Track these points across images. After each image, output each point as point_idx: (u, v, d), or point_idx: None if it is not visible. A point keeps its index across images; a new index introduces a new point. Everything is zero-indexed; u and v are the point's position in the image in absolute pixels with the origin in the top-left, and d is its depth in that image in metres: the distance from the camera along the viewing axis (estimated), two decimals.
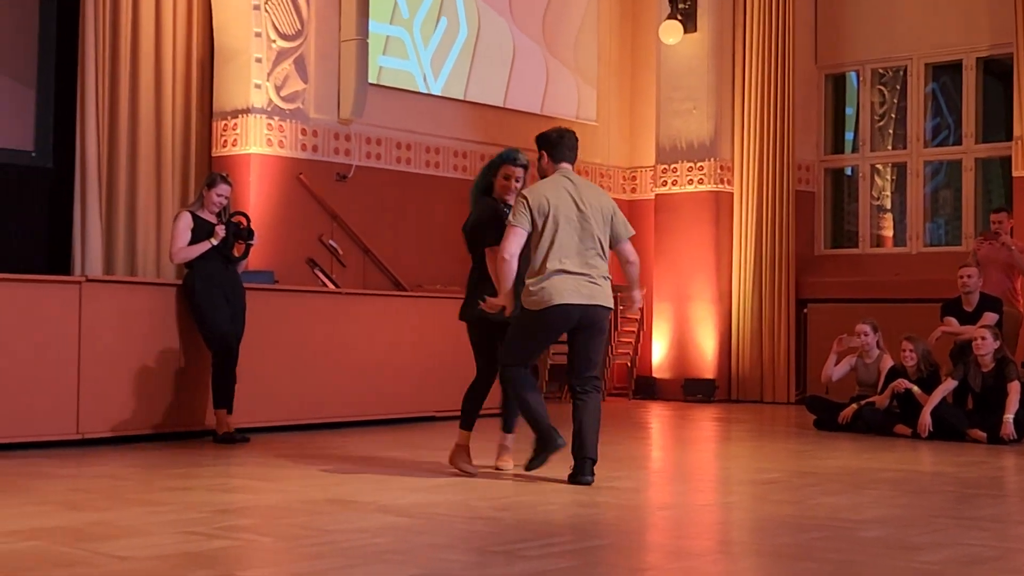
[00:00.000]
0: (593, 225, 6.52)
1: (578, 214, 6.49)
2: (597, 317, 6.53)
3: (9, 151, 10.55)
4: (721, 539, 5.20)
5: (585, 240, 6.50)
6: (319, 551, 4.50)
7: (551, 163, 6.66)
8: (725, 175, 13.35)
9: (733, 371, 13.23)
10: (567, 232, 6.44)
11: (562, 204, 6.47)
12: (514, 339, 6.58)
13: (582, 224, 6.49)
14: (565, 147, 6.67)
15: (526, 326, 6.52)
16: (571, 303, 6.41)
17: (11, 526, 4.88)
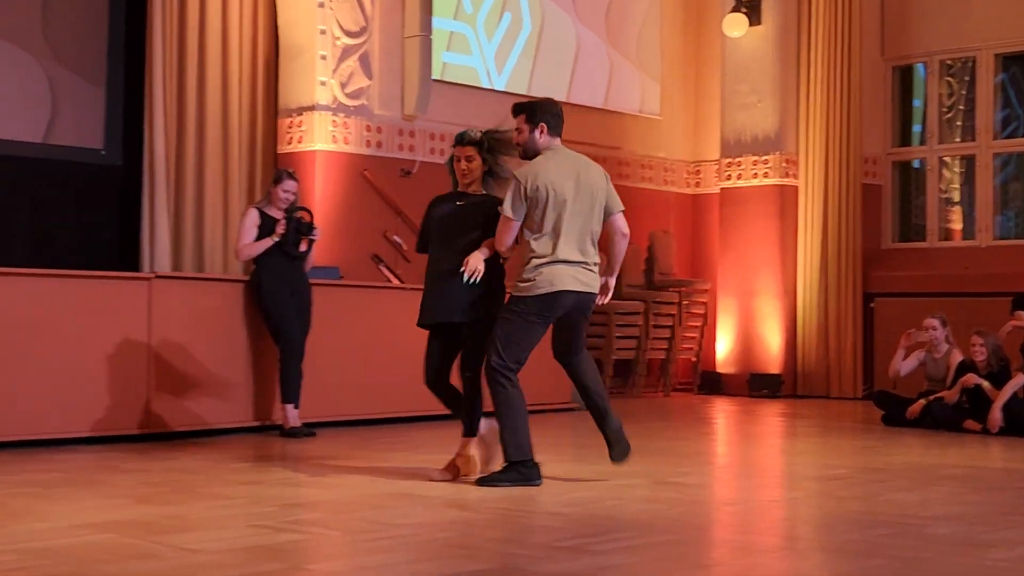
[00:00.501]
0: (590, 209, 6.20)
1: (578, 198, 6.13)
2: (589, 304, 6.25)
3: (79, 149, 10.70)
4: (787, 535, 5.17)
5: (583, 227, 6.17)
6: (386, 545, 4.53)
7: (549, 137, 6.23)
8: (790, 168, 13.25)
9: (799, 366, 13.14)
10: (568, 220, 6.08)
11: (565, 188, 6.09)
12: (509, 334, 6.10)
13: (581, 209, 6.14)
14: (562, 120, 6.30)
15: (522, 316, 6.09)
16: (570, 290, 6.10)
17: (84, 519, 4.96)
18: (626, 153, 13.73)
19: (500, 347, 6.10)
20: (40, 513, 5.11)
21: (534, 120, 6.22)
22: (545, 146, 6.22)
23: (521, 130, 6.24)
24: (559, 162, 6.19)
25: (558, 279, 6.09)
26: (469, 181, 6.35)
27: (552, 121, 6.24)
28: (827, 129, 13.06)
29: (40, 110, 10.50)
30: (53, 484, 6.01)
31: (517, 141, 6.28)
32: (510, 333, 6.11)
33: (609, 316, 12.42)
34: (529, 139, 6.23)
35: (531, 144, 6.24)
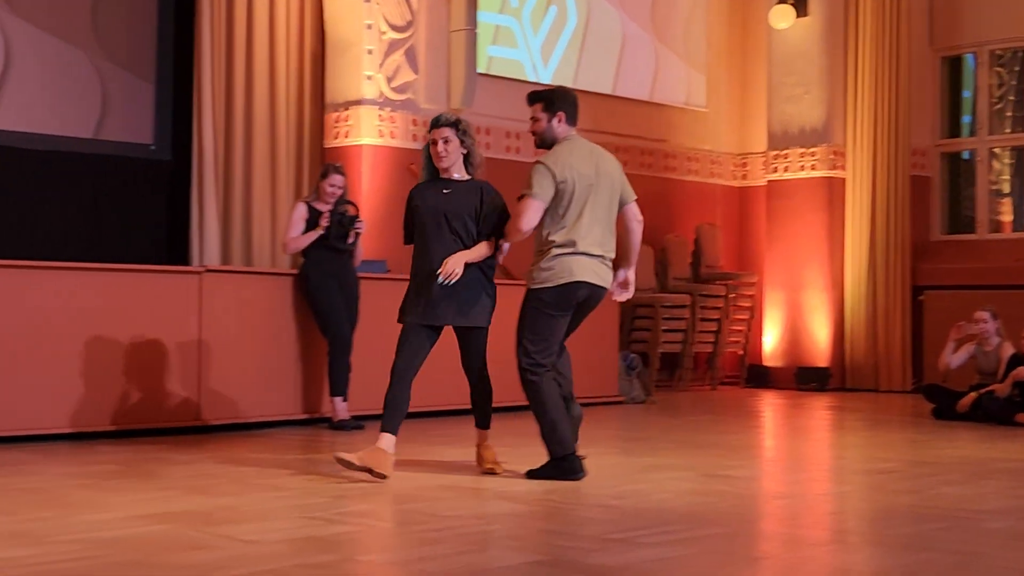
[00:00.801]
0: (610, 199, 6.13)
1: (599, 188, 6.06)
2: (599, 299, 6.21)
3: (129, 144, 10.79)
4: (838, 529, 5.16)
5: (604, 218, 6.10)
6: (437, 536, 4.56)
7: (567, 126, 6.16)
8: (838, 160, 13.18)
9: (847, 359, 13.07)
10: (590, 211, 6.03)
11: (587, 177, 6.03)
12: (534, 329, 6.05)
13: (602, 200, 6.08)
14: (578, 109, 6.22)
15: (542, 309, 6.04)
16: (587, 281, 6.04)
17: (140, 510, 5.02)
18: (672, 146, 13.70)
19: (528, 344, 6.06)
20: (97, 504, 5.17)
21: (552, 108, 6.16)
22: (563, 135, 6.17)
23: (538, 119, 6.17)
24: (580, 152, 6.13)
25: (577, 269, 6.03)
26: (447, 165, 6.17)
27: (570, 110, 6.19)
28: (875, 121, 12.98)
29: (91, 106, 10.60)
30: (108, 476, 6.08)
31: (533, 130, 6.22)
32: (535, 328, 6.07)
33: (656, 309, 12.41)
34: (547, 128, 6.17)
35: (548, 133, 6.17)
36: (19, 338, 7.42)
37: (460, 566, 4.04)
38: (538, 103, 6.19)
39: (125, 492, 5.54)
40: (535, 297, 6.08)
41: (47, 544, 4.29)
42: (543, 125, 6.17)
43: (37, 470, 6.25)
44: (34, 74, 10.28)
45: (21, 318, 7.44)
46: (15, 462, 6.52)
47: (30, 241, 10.02)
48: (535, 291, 6.09)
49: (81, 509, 5.05)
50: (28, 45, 10.24)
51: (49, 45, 10.35)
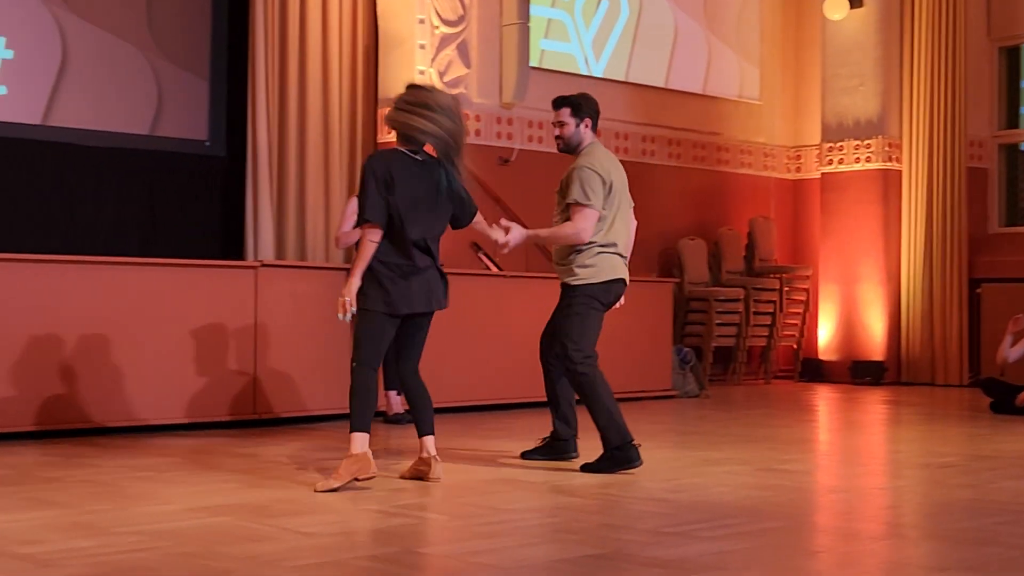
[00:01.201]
0: (628, 204, 6.37)
1: (624, 190, 6.31)
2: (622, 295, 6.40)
3: (184, 141, 10.88)
4: (895, 523, 5.12)
5: (627, 221, 6.35)
6: (494, 529, 4.57)
7: (591, 132, 6.35)
8: (893, 152, 13.06)
9: (903, 353, 12.97)
10: (620, 212, 6.26)
11: (618, 180, 6.25)
12: (582, 323, 6.13)
13: (625, 203, 6.32)
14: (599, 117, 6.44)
15: (588, 304, 6.16)
16: (623, 279, 6.29)
17: (199, 502, 5.07)
18: (725, 139, 13.64)
19: (576, 338, 6.17)
20: (157, 496, 5.23)
21: (580, 115, 6.33)
22: (588, 140, 6.35)
23: (566, 123, 6.32)
24: (608, 156, 6.36)
25: (616, 268, 6.26)
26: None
27: (595, 117, 6.40)
28: (931, 112, 12.86)
29: (146, 103, 10.70)
30: (167, 468, 6.14)
31: (560, 134, 6.36)
32: (583, 322, 6.19)
33: (709, 303, 12.36)
34: (574, 133, 6.34)
35: (575, 138, 6.35)
36: (75, 333, 7.50)
37: (518, 559, 4.05)
38: (565, 107, 6.34)
39: (183, 484, 5.60)
40: (583, 293, 6.21)
41: (108, 535, 4.34)
42: (570, 130, 6.34)
43: (96, 463, 6.32)
44: (91, 72, 10.39)
45: (77, 313, 7.52)
46: (74, 455, 6.60)
47: (87, 237, 10.14)
48: (582, 287, 6.21)
49: (140, 501, 5.10)
50: (85, 43, 10.36)
51: (105, 43, 10.46)
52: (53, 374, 7.41)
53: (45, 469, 6.06)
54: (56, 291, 7.46)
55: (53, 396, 7.40)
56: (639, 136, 12.75)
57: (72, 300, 7.51)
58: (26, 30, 10.09)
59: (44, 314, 7.39)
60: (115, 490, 5.41)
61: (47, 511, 4.82)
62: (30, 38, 10.11)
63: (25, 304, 7.33)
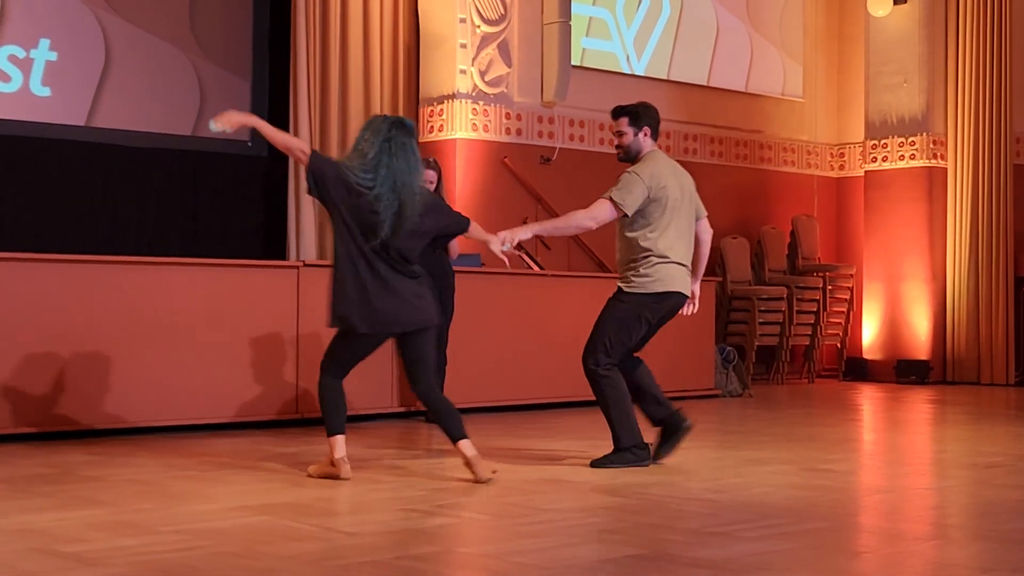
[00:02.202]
0: (690, 212, 6.39)
1: (683, 201, 6.31)
2: (681, 306, 6.42)
3: (227, 141, 10.93)
4: (941, 523, 5.07)
5: (689, 229, 6.37)
6: (537, 529, 4.56)
7: (652, 140, 6.38)
8: (938, 150, 12.95)
9: (948, 352, 12.85)
10: (678, 221, 6.27)
11: (675, 189, 6.26)
12: (620, 329, 6.20)
13: (686, 212, 6.34)
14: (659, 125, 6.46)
15: (634, 311, 6.22)
16: (680, 291, 6.31)
17: (242, 502, 5.08)
18: (768, 136, 13.57)
19: (609, 343, 6.22)
20: (199, 496, 5.25)
21: (639, 124, 6.35)
22: (648, 149, 6.37)
23: (625, 132, 6.35)
24: (667, 166, 6.37)
25: (673, 279, 6.27)
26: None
27: (655, 125, 6.42)
28: (977, 109, 12.73)
29: (189, 103, 10.76)
30: (209, 468, 6.16)
31: (620, 143, 6.39)
32: (620, 328, 6.23)
33: (752, 302, 12.30)
34: (633, 141, 6.36)
35: (635, 146, 6.37)
36: (119, 332, 7.54)
37: (561, 559, 4.03)
38: (624, 117, 6.37)
39: (226, 484, 5.62)
40: (635, 300, 6.25)
41: (152, 534, 4.36)
42: (629, 139, 6.37)
43: (139, 462, 6.35)
44: (134, 72, 10.46)
45: (121, 312, 7.56)
46: (118, 454, 6.64)
47: (131, 237, 10.22)
48: (636, 295, 6.24)
49: (184, 500, 5.12)
50: (128, 44, 10.43)
51: (148, 44, 10.52)
52: (97, 374, 7.46)
53: (89, 468, 6.10)
54: (100, 291, 7.50)
55: (98, 395, 7.45)
56: (681, 135, 12.70)
57: (115, 300, 7.55)
58: (69, 32, 10.17)
59: (87, 314, 7.44)
60: (159, 489, 5.43)
61: (91, 510, 4.85)
62: (74, 40, 10.19)
63: (69, 304, 7.38)
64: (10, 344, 7.17)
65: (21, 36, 9.97)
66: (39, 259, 7.39)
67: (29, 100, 10.02)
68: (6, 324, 7.16)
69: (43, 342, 7.28)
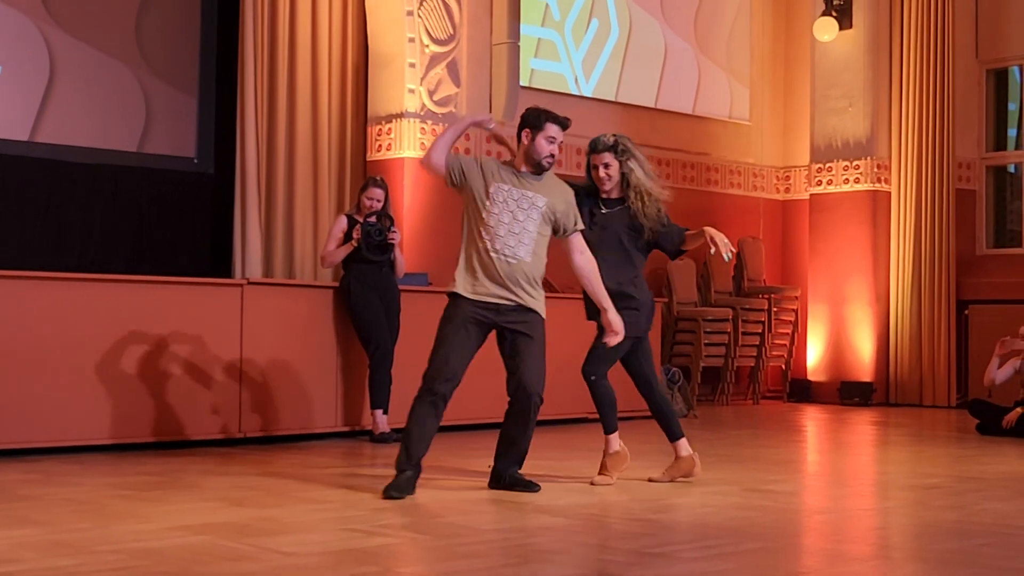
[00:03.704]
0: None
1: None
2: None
3: (172, 158, 10.87)
4: (882, 544, 5.10)
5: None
6: (477, 550, 4.54)
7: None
8: (882, 174, 13.08)
9: (891, 374, 12.95)
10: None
11: None
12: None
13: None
14: None
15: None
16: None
17: (180, 521, 5.03)
18: (715, 159, 13.65)
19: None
20: (138, 515, 5.19)
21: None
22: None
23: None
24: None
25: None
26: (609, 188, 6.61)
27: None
28: (920, 134, 12.87)
29: (135, 120, 10.69)
30: (148, 487, 6.10)
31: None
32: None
33: (698, 323, 12.35)
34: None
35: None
36: (60, 349, 7.46)
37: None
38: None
39: (165, 503, 5.56)
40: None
41: (87, 554, 4.30)
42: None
43: (76, 481, 6.28)
44: (78, 87, 10.37)
45: (63, 329, 7.48)
46: (54, 472, 6.56)
47: (74, 254, 10.12)
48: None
49: (121, 519, 5.06)
50: (72, 58, 10.34)
51: (94, 58, 10.45)
52: (34, 391, 7.37)
53: (25, 487, 6.02)
54: (41, 308, 7.42)
55: (33, 413, 7.35)
56: None
57: (56, 316, 7.47)
58: (14, 46, 10.07)
59: (28, 331, 7.35)
60: (95, 508, 5.37)
61: (25, 529, 4.78)
62: (18, 54, 10.09)
63: (8, 321, 7.29)
64: None
65: None
66: None
67: None
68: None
69: None
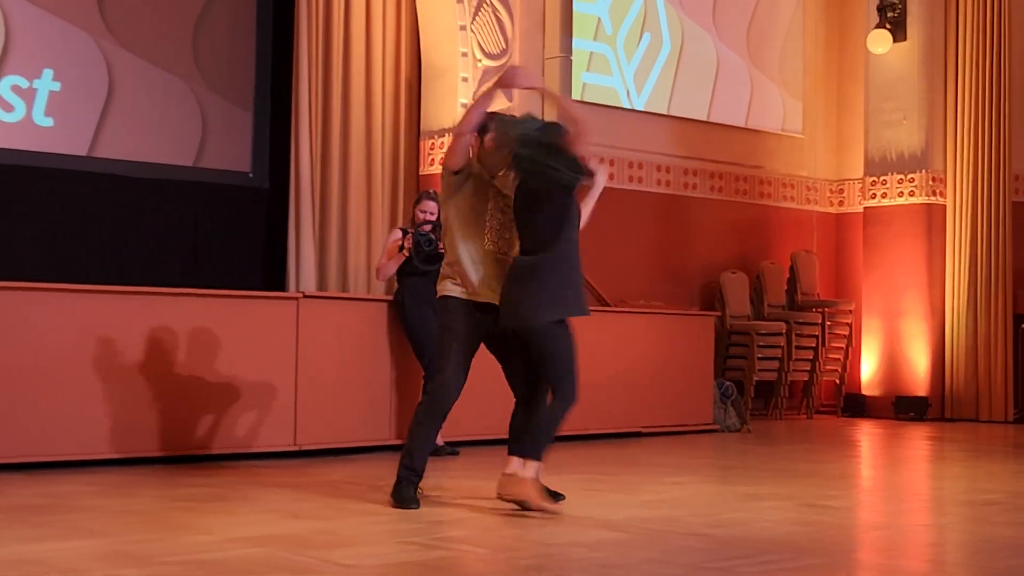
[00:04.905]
0: None
1: None
2: None
3: (228, 172, 10.98)
4: (938, 560, 5.05)
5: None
6: (536, 563, 4.54)
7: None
8: (937, 187, 12.99)
9: (947, 388, 12.83)
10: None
11: None
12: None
13: None
14: None
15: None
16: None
17: (239, 533, 5.07)
18: (768, 172, 13.60)
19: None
20: (197, 526, 5.23)
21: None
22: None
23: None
24: None
25: None
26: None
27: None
28: (976, 146, 12.77)
29: (191, 135, 10.81)
30: (207, 499, 6.15)
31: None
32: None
33: (751, 337, 12.31)
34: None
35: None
36: (119, 362, 7.54)
37: None
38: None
39: (224, 515, 5.60)
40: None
41: (152, 565, 4.34)
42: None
43: (138, 492, 6.34)
44: (136, 103, 10.50)
45: (122, 342, 7.56)
46: (110, 484, 6.63)
47: (131, 267, 10.24)
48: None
49: (181, 531, 5.11)
50: (131, 74, 10.48)
51: (151, 74, 10.58)
52: (95, 403, 7.45)
53: (87, 498, 6.09)
54: (99, 321, 7.51)
55: (92, 425, 7.44)
56: (681, 169, 12.73)
57: (115, 330, 7.55)
58: (73, 63, 10.22)
59: (87, 344, 7.44)
60: (157, 520, 5.42)
61: (89, 540, 4.84)
62: (77, 70, 10.24)
63: (67, 333, 7.38)
64: (0, 375, 7.17)
65: (24, 66, 10.02)
66: (36, 288, 7.39)
67: (32, 130, 10.06)
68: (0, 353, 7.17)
69: (38, 372, 7.28)
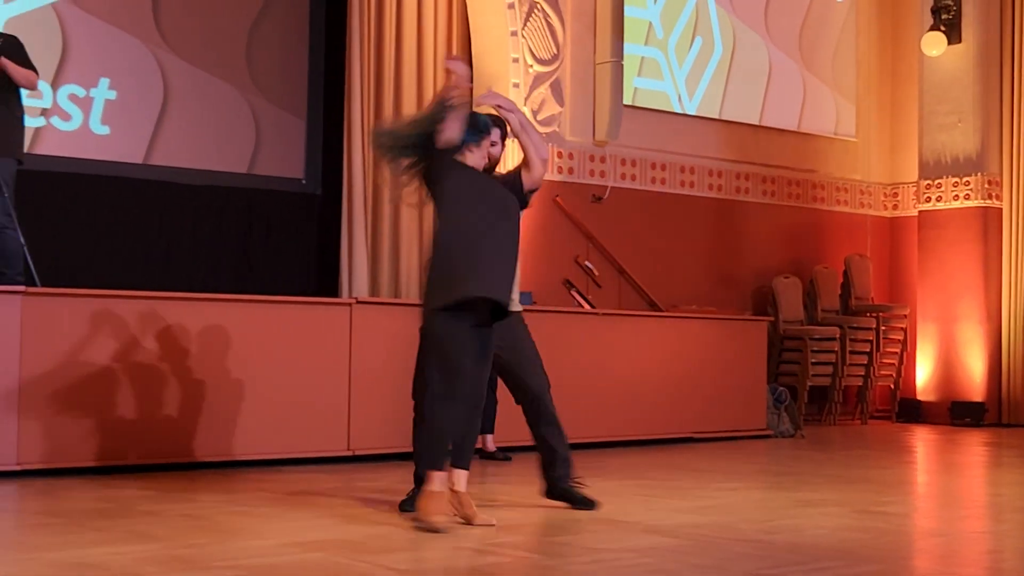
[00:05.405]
0: None
1: None
2: None
3: (281, 179, 11.05)
4: (995, 568, 5.00)
5: None
6: (588, 569, 4.54)
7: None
8: (993, 190, 12.86)
9: (1004, 394, 12.70)
10: None
11: None
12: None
13: None
14: None
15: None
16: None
17: (294, 538, 5.10)
18: (821, 176, 13.52)
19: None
20: (252, 531, 5.27)
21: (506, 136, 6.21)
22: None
23: (498, 144, 6.14)
24: None
25: None
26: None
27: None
28: None
29: (245, 141, 10.89)
30: (262, 503, 6.19)
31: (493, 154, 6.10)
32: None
33: (804, 342, 12.24)
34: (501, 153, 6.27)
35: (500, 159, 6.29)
36: (172, 368, 7.62)
37: None
38: (498, 128, 6.13)
39: (279, 519, 5.64)
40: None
41: (206, 570, 4.38)
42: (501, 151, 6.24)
43: (195, 497, 6.40)
44: (191, 111, 10.60)
45: (174, 348, 7.64)
46: (169, 488, 6.69)
47: (185, 273, 10.33)
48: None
49: (236, 535, 5.15)
50: (186, 82, 10.58)
51: (206, 82, 10.67)
52: (150, 409, 7.53)
53: (144, 503, 6.15)
54: (154, 327, 7.58)
55: (150, 431, 7.51)
56: (733, 174, 12.69)
57: (168, 334, 7.63)
58: (129, 72, 10.33)
59: (140, 350, 7.52)
60: (211, 524, 5.47)
61: (146, 544, 4.89)
62: (132, 79, 10.35)
63: (123, 339, 7.46)
64: (61, 380, 7.26)
65: (81, 75, 10.14)
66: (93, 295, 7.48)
67: (88, 138, 10.18)
68: (59, 359, 7.25)
69: (96, 377, 7.36)
